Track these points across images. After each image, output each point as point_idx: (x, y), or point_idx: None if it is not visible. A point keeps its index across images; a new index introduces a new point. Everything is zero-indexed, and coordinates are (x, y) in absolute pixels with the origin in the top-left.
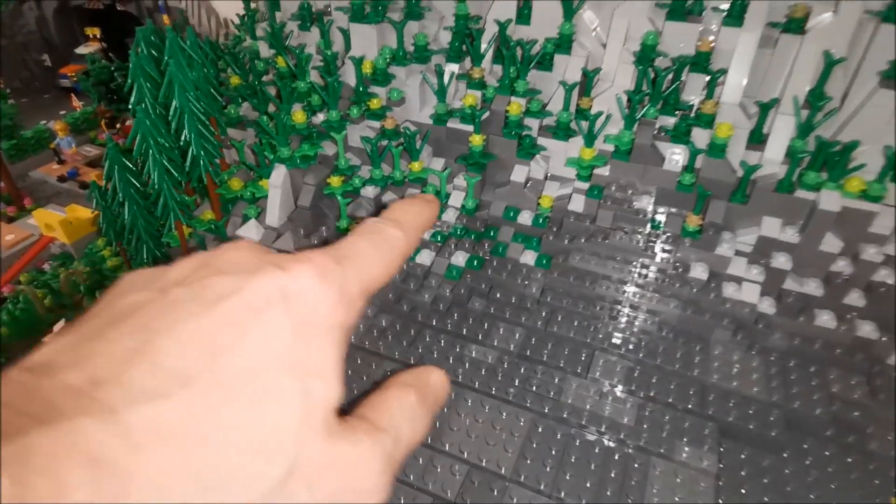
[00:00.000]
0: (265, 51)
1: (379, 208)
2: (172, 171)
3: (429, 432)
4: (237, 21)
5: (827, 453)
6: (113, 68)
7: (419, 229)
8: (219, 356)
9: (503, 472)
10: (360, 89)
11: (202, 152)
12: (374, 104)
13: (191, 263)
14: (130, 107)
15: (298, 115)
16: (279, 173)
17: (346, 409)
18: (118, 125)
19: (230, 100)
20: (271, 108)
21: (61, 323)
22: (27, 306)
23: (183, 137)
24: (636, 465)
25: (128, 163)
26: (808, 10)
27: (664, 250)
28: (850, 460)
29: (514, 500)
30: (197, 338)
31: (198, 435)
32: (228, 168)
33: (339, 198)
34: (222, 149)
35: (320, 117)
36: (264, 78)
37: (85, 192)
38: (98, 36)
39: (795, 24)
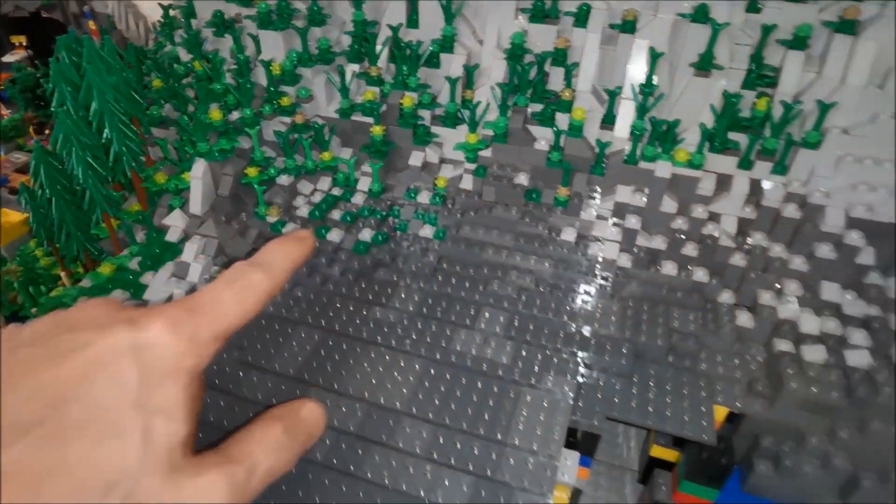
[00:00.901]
0: (184, 55)
1: (293, 194)
2: (97, 167)
3: (295, 462)
4: (157, 27)
5: (667, 375)
6: (39, 75)
7: (286, 270)
8: (63, 405)
9: (398, 406)
10: (271, 89)
11: (124, 149)
12: (285, 102)
13: (46, 323)
14: (52, 109)
15: (215, 113)
16: (199, 166)
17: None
18: (46, 130)
19: (153, 101)
20: (191, 109)
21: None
22: None
23: (105, 136)
24: (510, 395)
25: (54, 161)
26: (637, 14)
27: (539, 218)
28: (684, 380)
29: (406, 429)
30: (41, 390)
31: (38, 473)
32: (153, 164)
33: (256, 186)
34: (146, 146)
35: (235, 115)
36: (184, 81)
37: (15, 198)
38: (24, 44)
39: (628, 26)
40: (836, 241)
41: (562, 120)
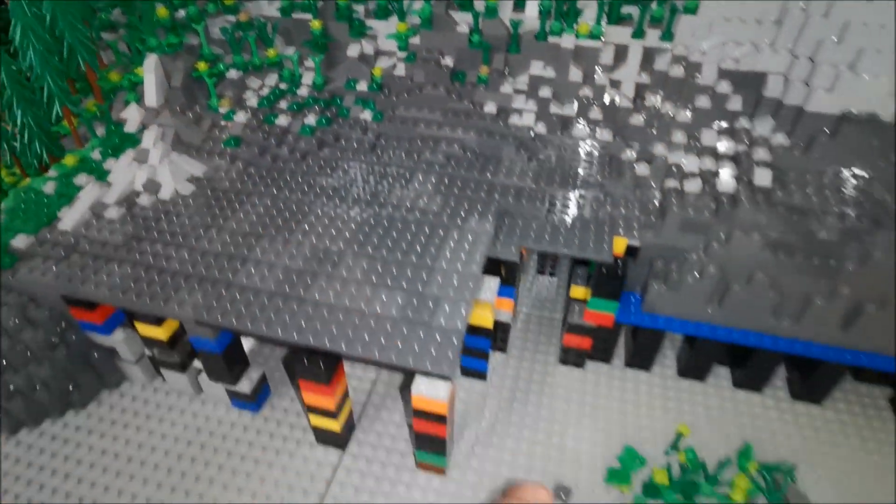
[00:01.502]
0: None
1: (242, 89)
2: (53, 61)
3: None
4: None
5: (575, 216)
6: None
7: None
8: None
9: (341, 246)
10: None
11: (78, 44)
12: (228, 0)
13: None
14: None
15: (161, 10)
16: (151, 60)
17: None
18: None
19: (101, 9)
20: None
21: None
22: None
23: (57, 31)
24: (440, 232)
25: (13, 63)
26: None
27: (464, 95)
28: (590, 219)
29: (349, 262)
30: None
31: None
32: (106, 67)
33: (207, 79)
34: (98, 51)
35: (182, 13)
36: None
37: None
38: None
39: None
40: (711, 93)
41: (479, 4)
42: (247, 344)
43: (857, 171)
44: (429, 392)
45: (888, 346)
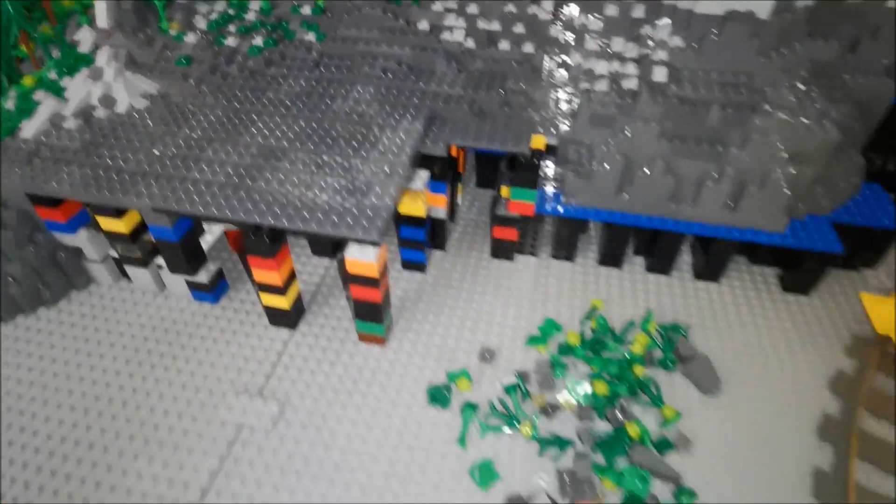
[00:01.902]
0: None
1: (191, 13)
2: None
3: None
4: None
5: (501, 119)
6: None
7: None
8: None
9: (286, 145)
10: None
11: None
12: None
13: None
14: None
15: None
16: None
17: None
18: None
19: None
20: None
21: None
22: None
23: None
24: (375, 131)
25: None
26: None
27: (399, 14)
28: (513, 121)
29: (292, 155)
30: None
31: None
32: None
33: (156, 2)
34: None
35: None
36: None
37: None
38: None
39: None
40: (619, 2)
41: None
42: (205, 244)
43: (740, 66)
44: (360, 256)
45: (768, 223)
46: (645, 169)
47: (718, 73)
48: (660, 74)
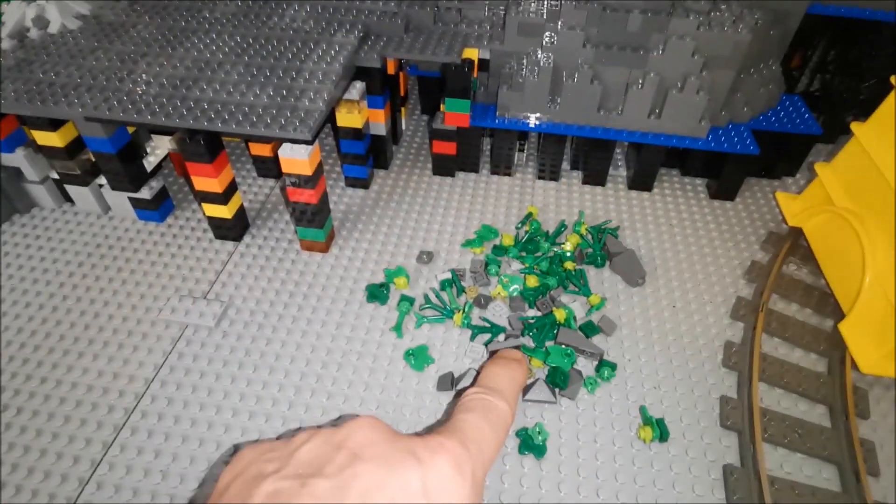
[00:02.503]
0: None
1: None
2: None
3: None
4: None
5: (434, 34)
6: None
7: (518, 396)
8: None
9: (221, 58)
10: None
11: None
12: None
13: (317, 442)
14: None
15: None
16: None
17: None
18: None
19: None
20: None
21: None
22: None
23: None
24: (311, 45)
25: None
26: None
27: None
28: (445, 36)
29: (228, 68)
30: None
31: None
32: None
33: None
34: None
35: None
36: None
37: None
38: None
39: None
40: None
41: None
42: (148, 165)
43: None
44: (293, 154)
45: (691, 127)
46: (572, 78)
47: None
48: None
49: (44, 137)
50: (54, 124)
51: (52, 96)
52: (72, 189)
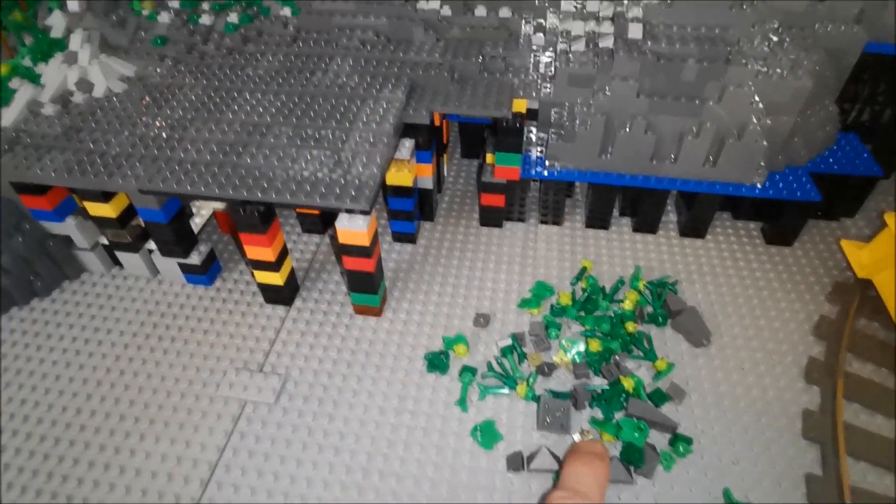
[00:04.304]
0: None
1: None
2: None
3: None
4: None
5: (480, 84)
6: None
7: (604, 495)
8: None
9: (268, 120)
10: None
11: None
12: None
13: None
14: None
15: None
16: None
17: None
18: None
19: None
20: None
21: None
22: None
23: None
24: (357, 102)
25: None
26: None
27: None
28: (492, 85)
29: (276, 131)
30: None
31: None
32: None
33: None
34: None
35: None
36: None
37: None
38: None
39: None
40: None
41: None
42: (195, 227)
43: (713, 19)
44: (351, 225)
45: (749, 175)
46: (625, 128)
47: (692, 27)
48: (635, 31)
49: (96, 208)
50: (107, 195)
51: (105, 168)
52: (122, 255)
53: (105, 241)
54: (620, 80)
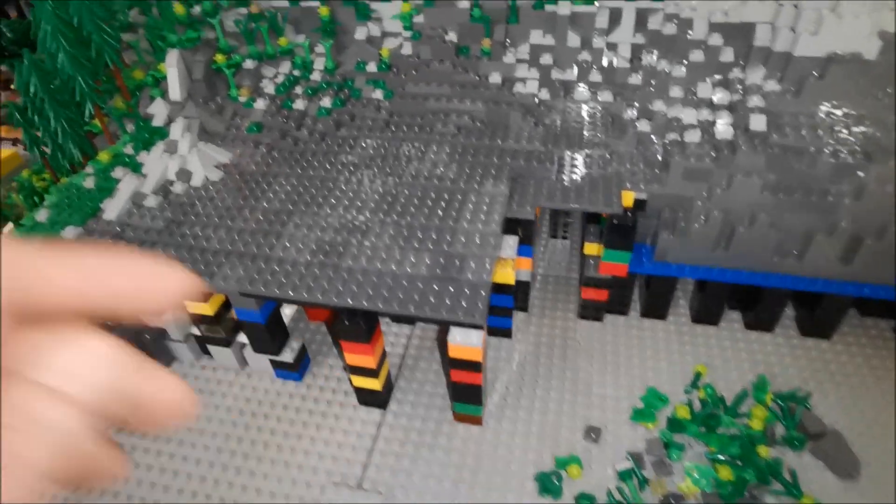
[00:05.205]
0: None
1: (258, 77)
2: (82, 60)
3: None
4: None
5: (584, 174)
6: (1, 25)
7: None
8: None
9: (367, 215)
10: None
11: (105, 45)
12: None
13: None
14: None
15: (178, 7)
16: (172, 55)
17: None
18: (13, 86)
19: (118, 10)
20: (154, 11)
21: (8, 226)
22: None
23: (85, 33)
24: (458, 197)
25: (42, 67)
26: None
27: (470, 68)
28: (597, 176)
29: (376, 229)
30: None
31: None
32: (129, 66)
33: (226, 70)
34: (120, 51)
35: (197, 9)
36: None
37: None
38: None
39: None
40: (704, 46)
41: None
42: (285, 317)
43: (847, 110)
44: (464, 340)
45: (887, 276)
46: (746, 225)
47: (823, 117)
48: (758, 122)
49: (195, 306)
50: (206, 294)
51: (206, 266)
52: (213, 348)
53: (197, 332)
54: (743, 176)
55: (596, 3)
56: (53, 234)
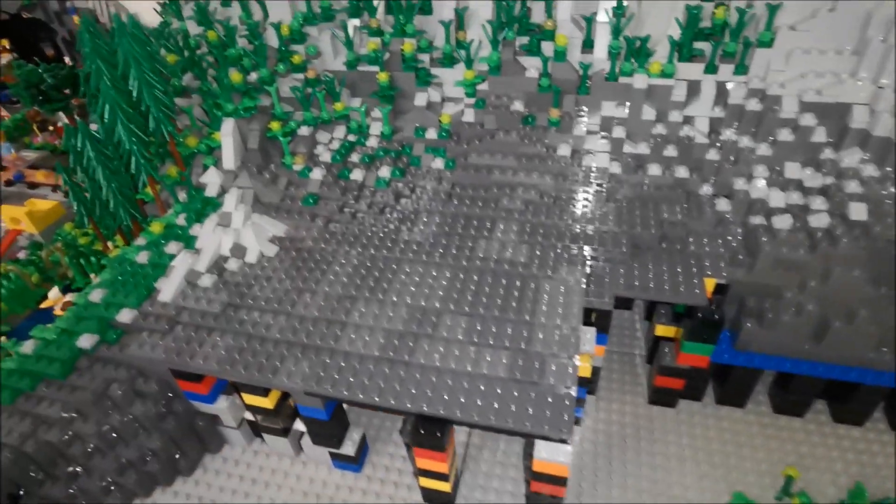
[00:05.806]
0: (194, 28)
1: (313, 144)
2: (140, 133)
3: None
4: (159, 8)
5: (662, 258)
6: (41, 70)
7: None
8: None
9: (437, 305)
10: (282, 49)
11: (161, 116)
12: (296, 59)
13: None
14: (89, 84)
15: (235, 75)
16: (228, 124)
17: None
18: (51, 127)
19: (170, 75)
20: (209, 76)
21: (54, 290)
22: (18, 282)
23: (143, 105)
24: (531, 286)
25: (95, 134)
26: None
27: (536, 139)
28: (676, 260)
29: (448, 322)
30: None
31: None
32: (181, 132)
33: (281, 138)
34: (175, 121)
35: (253, 76)
36: (198, 52)
37: (34, 192)
38: (7, 47)
39: None
40: (794, 125)
41: (547, 48)
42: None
43: None
44: (550, 456)
45: None
46: (845, 321)
47: None
48: (859, 211)
49: (254, 400)
50: (267, 389)
51: (267, 360)
52: (269, 437)
53: (250, 417)
54: (843, 270)
55: (675, 77)
56: (108, 317)
